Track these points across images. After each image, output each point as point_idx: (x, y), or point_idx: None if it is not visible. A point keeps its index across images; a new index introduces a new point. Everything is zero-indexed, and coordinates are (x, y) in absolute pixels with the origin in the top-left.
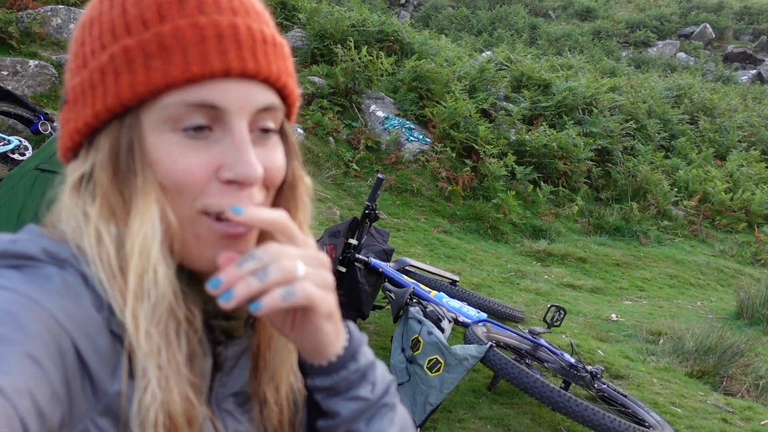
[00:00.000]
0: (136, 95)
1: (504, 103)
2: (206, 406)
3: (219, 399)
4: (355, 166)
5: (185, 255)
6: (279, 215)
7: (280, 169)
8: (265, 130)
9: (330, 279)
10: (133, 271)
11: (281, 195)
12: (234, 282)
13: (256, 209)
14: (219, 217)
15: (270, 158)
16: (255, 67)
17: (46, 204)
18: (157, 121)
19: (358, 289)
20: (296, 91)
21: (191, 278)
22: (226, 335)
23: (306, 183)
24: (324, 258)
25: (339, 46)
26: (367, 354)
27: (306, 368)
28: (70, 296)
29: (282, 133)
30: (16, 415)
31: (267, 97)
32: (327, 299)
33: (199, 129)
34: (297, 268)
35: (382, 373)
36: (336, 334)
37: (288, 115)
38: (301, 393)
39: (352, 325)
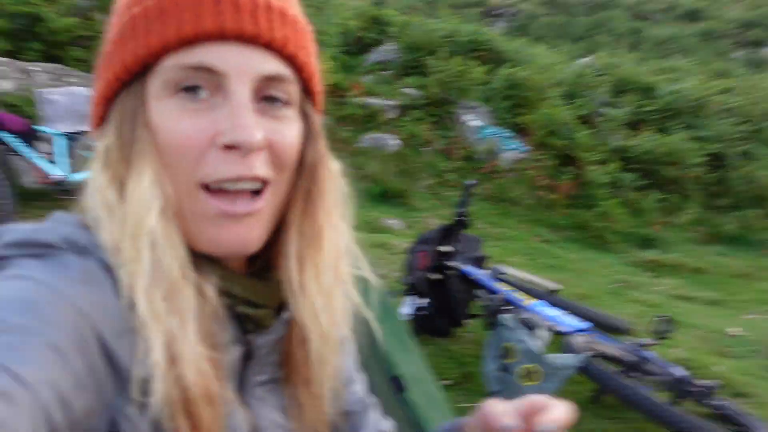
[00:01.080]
0: (136, 60)
1: (605, 108)
2: (237, 394)
3: (252, 386)
4: (450, 176)
5: (187, 234)
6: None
7: (290, 145)
8: (272, 99)
9: None
10: (128, 237)
11: (300, 179)
12: None
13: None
14: (211, 189)
15: (278, 131)
16: (254, 30)
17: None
18: (158, 87)
19: (450, 297)
20: (314, 68)
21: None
22: (255, 324)
23: (331, 168)
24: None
25: (431, 57)
26: None
27: None
28: (91, 284)
29: (304, 113)
30: (39, 405)
31: (274, 65)
32: None
33: (192, 89)
34: None
35: None
36: None
37: (311, 99)
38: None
39: None
